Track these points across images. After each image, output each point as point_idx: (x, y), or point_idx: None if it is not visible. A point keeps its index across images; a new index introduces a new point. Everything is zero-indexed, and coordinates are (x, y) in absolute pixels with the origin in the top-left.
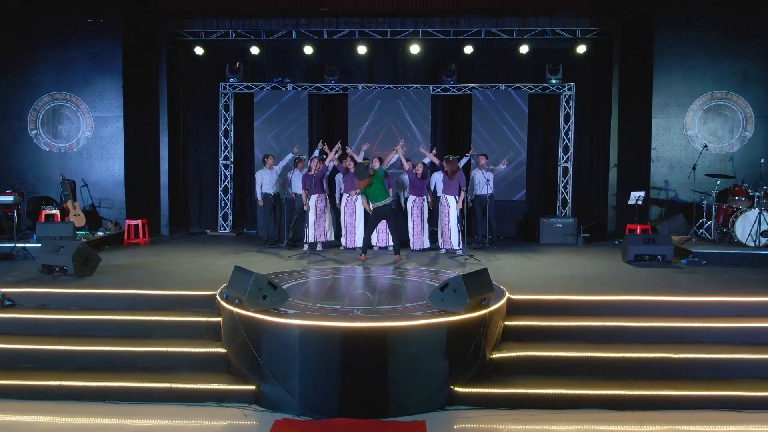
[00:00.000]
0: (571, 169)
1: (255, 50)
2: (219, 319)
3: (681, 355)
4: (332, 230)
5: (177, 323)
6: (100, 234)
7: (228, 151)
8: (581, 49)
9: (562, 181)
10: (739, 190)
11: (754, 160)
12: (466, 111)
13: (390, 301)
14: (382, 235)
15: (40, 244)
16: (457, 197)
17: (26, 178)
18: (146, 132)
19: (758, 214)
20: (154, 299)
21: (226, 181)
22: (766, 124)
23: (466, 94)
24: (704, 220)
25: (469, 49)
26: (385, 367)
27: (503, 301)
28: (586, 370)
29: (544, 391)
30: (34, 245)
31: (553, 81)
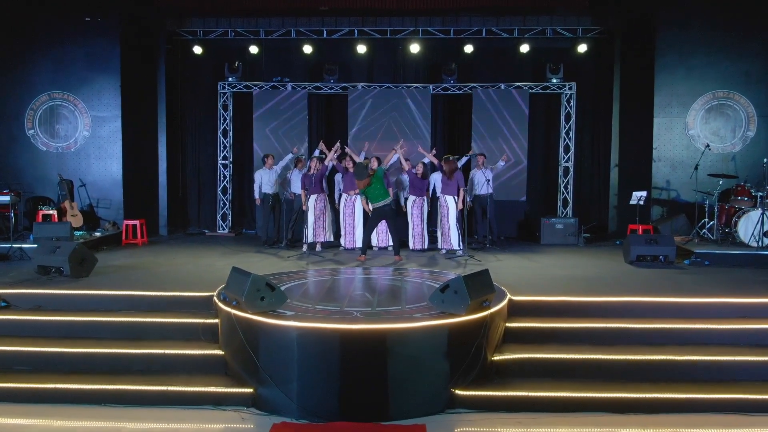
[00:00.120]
0: (572, 169)
1: (254, 49)
2: (216, 321)
3: (684, 357)
4: (331, 230)
5: (174, 325)
6: (98, 234)
7: (227, 151)
8: (582, 49)
9: (563, 181)
10: (742, 190)
11: (756, 160)
12: (467, 110)
13: (390, 303)
14: (382, 236)
15: (36, 245)
16: (456, 197)
17: (23, 178)
18: (144, 132)
19: (761, 215)
20: (151, 300)
21: (224, 181)
22: None
23: (467, 94)
24: (706, 220)
25: (469, 49)
26: (385, 370)
27: (504, 302)
28: (589, 373)
29: (546, 393)
30: (30, 246)
31: (554, 80)
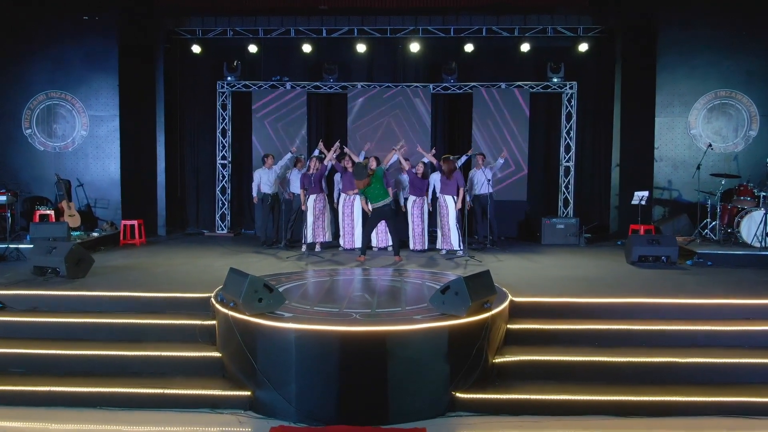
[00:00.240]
0: (572, 169)
1: (253, 48)
2: (214, 323)
3: (688, 360)
4: (331, 231)
5: (171, 326)
6: (96, 234)
7: (226, 151)
8: (583, 48)
9: (564, 181)
10: (744, 190)
11: (759, 160)
12: (467, 110)
13: (389, 304)
14: (382, 236)
15: (33, 245)
16: (456, 197)
17: (20, 178)
18: (142, 131)
19: (764, 215)
20: (147, 302)
21: (223, 181)
22: None
23: (467, 93)
24: (708, 220)
25: (469, 48)
26: (385, 373)
27: (506, 303)
28: (591, 375)
29: (548, 396)
30: (27, 246)
31: (555, 79)
